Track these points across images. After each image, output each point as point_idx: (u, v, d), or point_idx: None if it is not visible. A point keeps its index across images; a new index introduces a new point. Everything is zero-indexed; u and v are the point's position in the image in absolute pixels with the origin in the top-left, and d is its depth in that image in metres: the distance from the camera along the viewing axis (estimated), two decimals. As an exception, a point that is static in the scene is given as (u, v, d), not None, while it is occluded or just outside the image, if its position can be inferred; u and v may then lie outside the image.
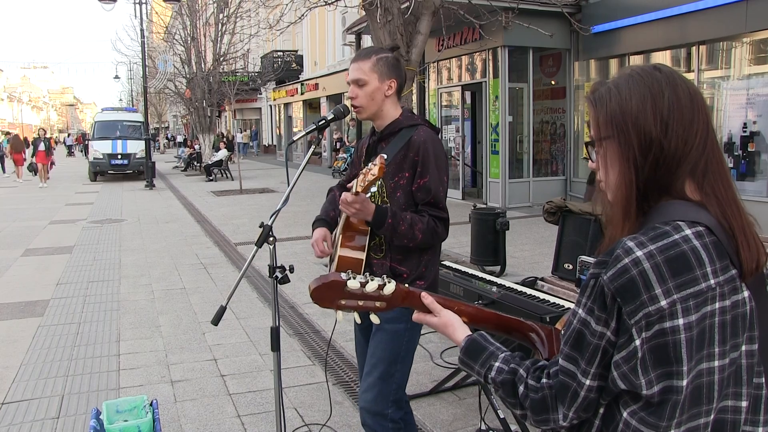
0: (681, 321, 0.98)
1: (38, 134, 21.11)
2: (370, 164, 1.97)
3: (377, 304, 1.31)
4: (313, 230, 2.46)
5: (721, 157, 1.10)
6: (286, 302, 5.79)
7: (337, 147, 21.69)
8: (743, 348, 1.04)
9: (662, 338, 0.98)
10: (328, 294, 1.28)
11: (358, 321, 1.37)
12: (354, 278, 1.28)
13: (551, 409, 1.10)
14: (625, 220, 1.11)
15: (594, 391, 1.07)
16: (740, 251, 1.04)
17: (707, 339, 1.00)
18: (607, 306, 1.03)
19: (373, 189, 2.01)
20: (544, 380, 1.12)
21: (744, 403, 1.05)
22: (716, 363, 1.01)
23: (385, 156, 2.00)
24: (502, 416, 3.07)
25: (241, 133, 33.51)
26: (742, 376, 1.05)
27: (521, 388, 1.14)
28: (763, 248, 1.07)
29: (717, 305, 1.01)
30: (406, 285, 1.35)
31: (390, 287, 1.29)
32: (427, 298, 1.34)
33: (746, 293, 1.05)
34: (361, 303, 1.30)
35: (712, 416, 1.03)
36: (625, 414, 1.04)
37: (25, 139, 26.86)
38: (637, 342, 1.00)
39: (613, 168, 1.12)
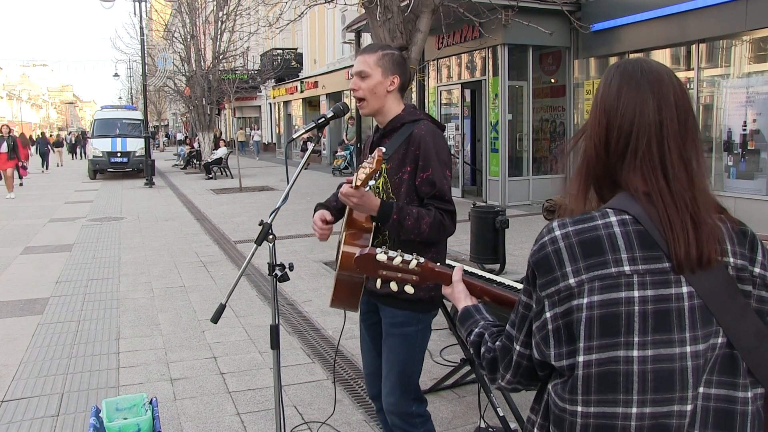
0: (585, 300, 1.03)
1: (1, 131, 15.95)
2: (369, 157, 1.99)
3: (413, 277, 1.44)
4: (314, 214, 2.48)
5: (666, 146, 1.08)
6: (285, 300, 5.79)
7: (308, 147, 21.66)
8: (688, 348, 1.02)
9: (570, 316, 1.04)
10: (367, 264, 1.43)
11: (394, 289, 1.48)
12: (384, 253, 1.42)
13: (497, 369, 1.22)
14: (572, 208, 1.16)
15: (525, 358, 1.15)
16: (669, 242, 1.04)
17: (624, 326, 1.02)
18: (530, 279, 1.12)
19: (372, 182, 2.02)
20: (498, 343, 1.23)
21: (689, 407, 1.03)
22: (635, 353, 1.01)
23: (384, 149, 2.02)
24: (501, 414, 3.08)
25: (252, 130, 33.05)
26: (688, 379, 1.02)
27: (482, 349, 1.26)
28: (707, 241, 1.04)
29: (636, 293, 1.02)
30: (438, 264, 1.47)
31: (413, 263, 1.43)
32: (456, 275, 1.45)
33: (685, 289, 1.03)
34: (399, 275, 1.43)
35: (634, 409, 1.02)
36: (549, 386, 1.12)
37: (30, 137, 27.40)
38: (548, 315, 1.07)
39: None
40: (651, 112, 1.08)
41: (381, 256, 1.42)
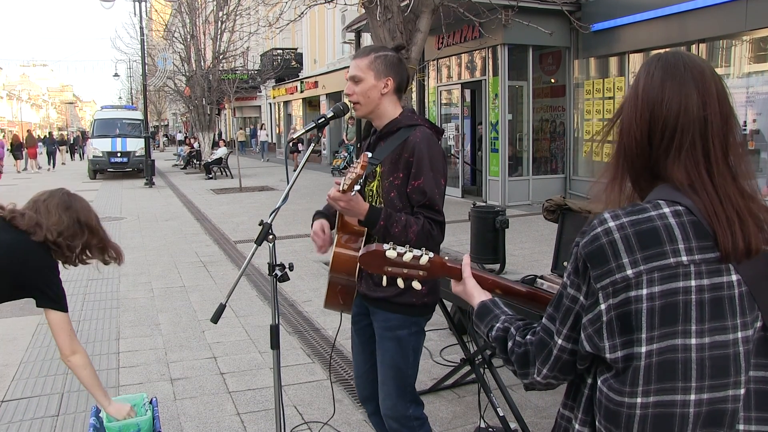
0: (644, 291, 1.03)
1: None
2: (355, 162, 1.98)
3: (420, 273, 1.41)
4: (312, 223, 2.47)
5: (710, 142, 1.09)
6: (285, 300, 5.79)
7: (299, 149, 21.62)
8: (739, 334, 1.05)
9: (627, 306, 1.04)
10: (374, 261, 1.40)
11: (401, 285, 1.46)
12: (393, 249, 1.39)
13: (531, 364, 1.19)
14: (608, 197, 1.17)
15: (567, 353, 1.14)
16: (717, 234, 1.05)
17: (681, 314, 1.03)
18: (580, 271, 1.10)
19: (357, 186, 2.01)
20: (528, 337, 1.21)
21: (742, 391, 1.06)
22: (693, 341, 1.03)
23: (369, 154, 2.01)
24: (501, 414, 3.08)
25: (260, 130, 33.00)
26: (741, 364, 1.06)
27: (510, 344, 1.24)
28: (753, 233, 1.06)
29: (693, 283, 1.03)
30: (446, 257, 1.44)
31: (424, 258, 1.40)
32: (466, 270, 1.43)
33: (734, 277, 1.05)
34: (405, 271, 1.41)
35: (692, 396, 1.04)
36: (599, 381, 1.11)
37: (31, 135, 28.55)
38: (603, 306, 1.06)
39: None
40: (695, 107, 1.09)
41: (390, 253, 1.39)
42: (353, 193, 2.03)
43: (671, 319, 1.03)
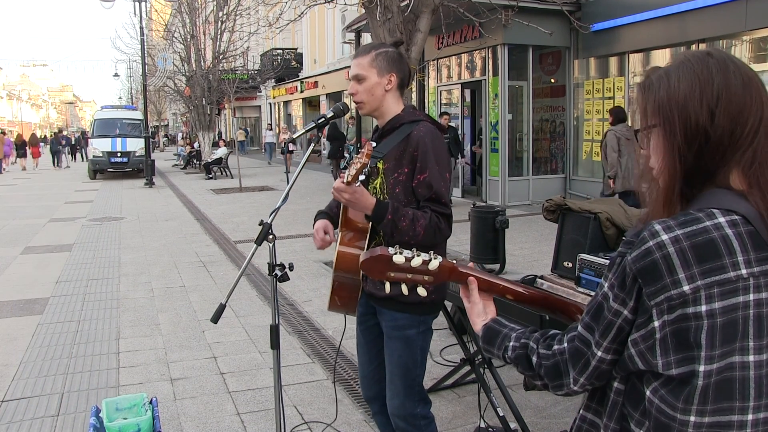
0: (704, 308, 0.98)
1: None
2: (360, 152, 1.97)
3: (425, 278, 1.34)
4: (314, 223, 2.46)
5: None
6: (285, 300, 5.79)
7: (290, 150, 21.53)
8: None
9: (684, 323, 0.99)
10: (376, 266, 1.32)
11: (405, 292, 1.41)
12: (400, 253, 1.32)
13: (564, 374, 1.14)
14: (665, 207, 1.10)
15: (606, 363, 1.10)
16: None
17: (741, 331, 0.99)
18: (627, 286, 1.04)
19: (362, 177, 1.99)
20: (555, 347, 1.16)
21: None
22: (751, 358, 0.99)
23: (374, 143, 1.99)
24: (501, 414, 3.08)
25: (267, 130, 32.86)
26: None
27: (534, 359, 1.18)
28: None
29: (751, 297, 0.99)
30: (454, 261, 1.38)
31: (434, 263, 1.33)
32: (472, 283, 1.37)
33: None
34: (409, 276, 1.34)
35: (749, 416, 1.00)
36: (647, 392, 1.05)
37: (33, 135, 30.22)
38: (656, 323, 1.01)
39: (657, 155, 1.11)
40: (761, 108, 1.05)
41: (398, 258, 1.31)
42: (358, 183, 2.02)
43: (732, 336, 0.99)
